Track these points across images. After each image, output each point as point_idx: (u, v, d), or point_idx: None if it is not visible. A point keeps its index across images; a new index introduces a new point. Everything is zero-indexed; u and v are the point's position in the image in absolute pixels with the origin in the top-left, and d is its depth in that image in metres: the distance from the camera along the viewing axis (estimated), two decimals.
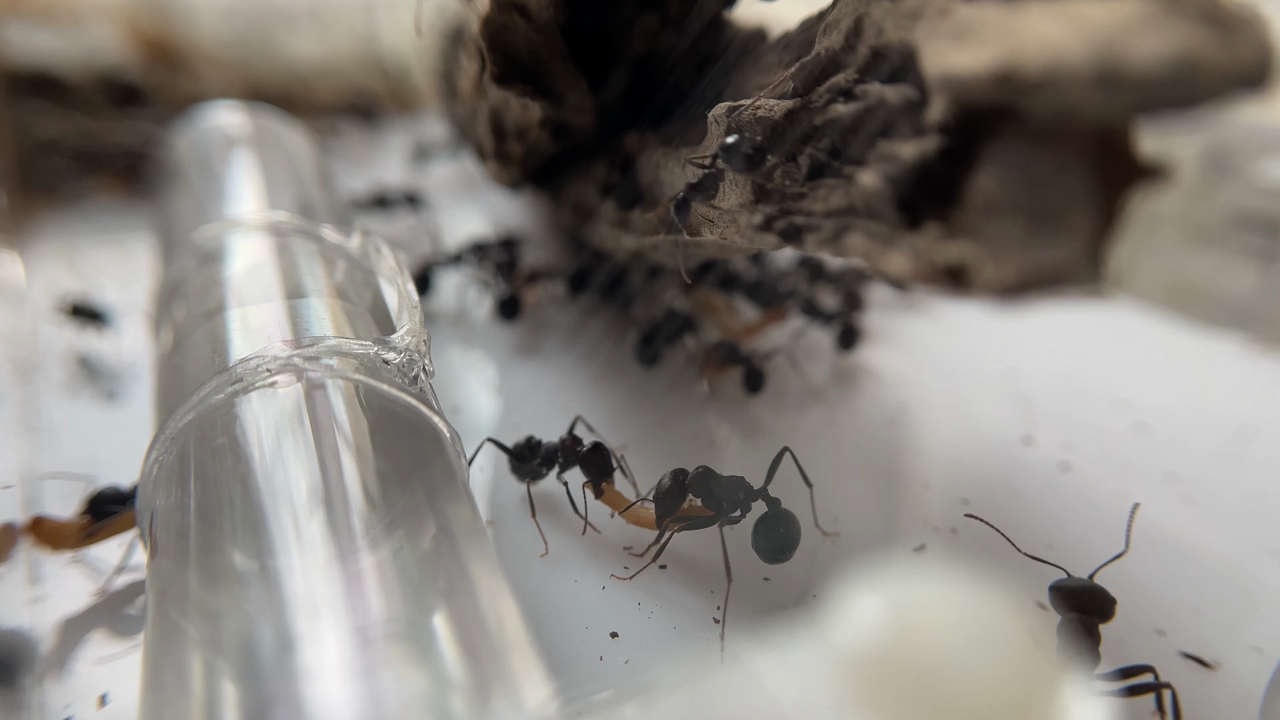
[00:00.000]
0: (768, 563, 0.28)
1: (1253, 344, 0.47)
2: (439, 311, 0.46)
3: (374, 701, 0.17)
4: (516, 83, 0.35)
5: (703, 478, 0.28)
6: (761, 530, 0.27)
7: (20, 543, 0.28)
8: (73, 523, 0.28)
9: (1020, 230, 0.19)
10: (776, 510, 0.28)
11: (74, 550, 0.29)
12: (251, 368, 0.24)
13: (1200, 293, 0.54)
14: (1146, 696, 0.25)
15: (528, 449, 0.31)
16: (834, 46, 0.26)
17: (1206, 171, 0.58)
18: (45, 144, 0.57)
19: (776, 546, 0.27)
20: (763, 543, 0.27)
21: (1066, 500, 0.34)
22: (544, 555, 0.29)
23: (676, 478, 0.28)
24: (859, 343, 0.43)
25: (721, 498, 0.28)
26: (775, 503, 0.28)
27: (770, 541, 0.27)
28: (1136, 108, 0.17)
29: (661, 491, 0.28)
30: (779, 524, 0.27)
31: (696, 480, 0.28)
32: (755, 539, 0.27)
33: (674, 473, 0.28)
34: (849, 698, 0.13)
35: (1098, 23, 0.17)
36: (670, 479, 0.28)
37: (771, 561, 0.28)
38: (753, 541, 0.27)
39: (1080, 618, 0.24)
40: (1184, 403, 0.41)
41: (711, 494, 0.28)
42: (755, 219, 0.27)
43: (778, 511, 0.28)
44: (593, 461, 0.30)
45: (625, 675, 0.25)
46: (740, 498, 0.28)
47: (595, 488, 0.30)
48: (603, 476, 0.30)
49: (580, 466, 0.30)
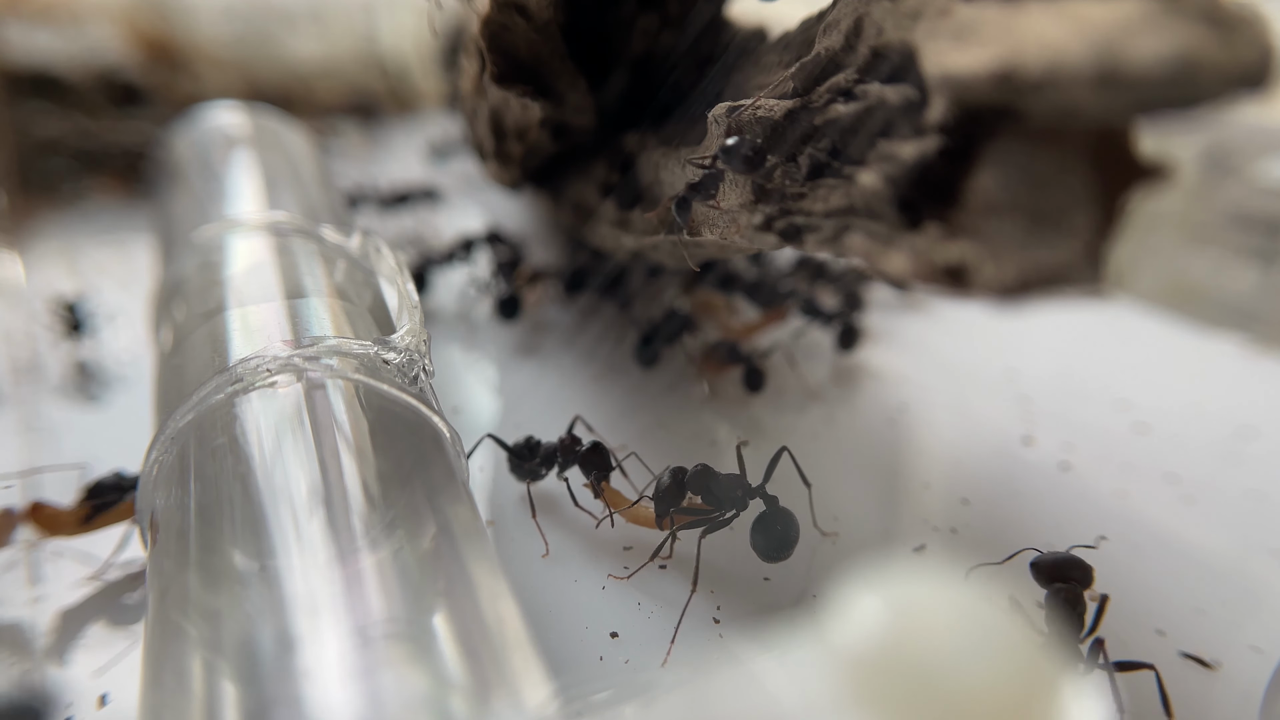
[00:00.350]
0: (766, 561, 0.28)
1: (1253, 344, 0.47)
2: (439, 311, 0.46)
3: (374, 701, 0.17)
4: (516, 83, 0.35)
5: (701, 475, 0.28)
6: (760, 529, 0.27)
7: (19, 528, 0.28)
8: (72, 509, 0.28)
9: (1020, 230, 0.19)
10: (775, 509, 0.28)
11: (72, 536, 0.29)
12: (251, 368, 0.24)
13: (1200, 293, 0.54)
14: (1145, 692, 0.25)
15: (527, 449, 0.31)
16: (834, 46, 0.26)
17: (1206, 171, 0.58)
18: (45, 144, 0.57)
19: (775, 545, 0.27)
20: (761, 541, 0.27)
21: (1066, 500, 0.34)
22: (545, 556, 0.29)
23: (675, 475, 0.28)
24: (859, 343, 0.43)
25: (719, 495, 0.28)
26: (773, 501, 0.28)
27: (769, 540, 0.27)
28: (1136, 108, 0.17)
29: (660, 489, 0.28)
30: (777, 522, 0.27)
31: (695, 478, 0.28)
32: (754, 538, 0.27)
33: (672, 470, 0.28)
34: (849, 698, 0.13)
35: (1098, 23, 0.17)
36: (669, 476, 0.28)
37: (770, 560, 0.28)
38: (751, 540, 0.27)
39: (1063, 587, 0.25)
40: (1184, 403, 0.41)
41: (710, 492, 0.28)
42: (755, 219, 0.27)
43: (776, 510, 0.28)
44: (591, 460, 0.30)
45: (625, 675, 0.25)
46: (738, 495, 0.28)
47: (595, 486, 0.30)
48: (602, 475, 0.30)
49: (579, 465, 0.30)
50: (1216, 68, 0.16)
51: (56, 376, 0.39)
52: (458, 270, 0.47)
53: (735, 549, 0.29)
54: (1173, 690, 0.26)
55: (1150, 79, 0.16)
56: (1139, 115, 0.17)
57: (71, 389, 0.38)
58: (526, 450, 0.31)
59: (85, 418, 0.36)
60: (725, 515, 0.28)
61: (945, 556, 0.31)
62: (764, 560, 0.28)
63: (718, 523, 0.28)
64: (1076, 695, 0.13)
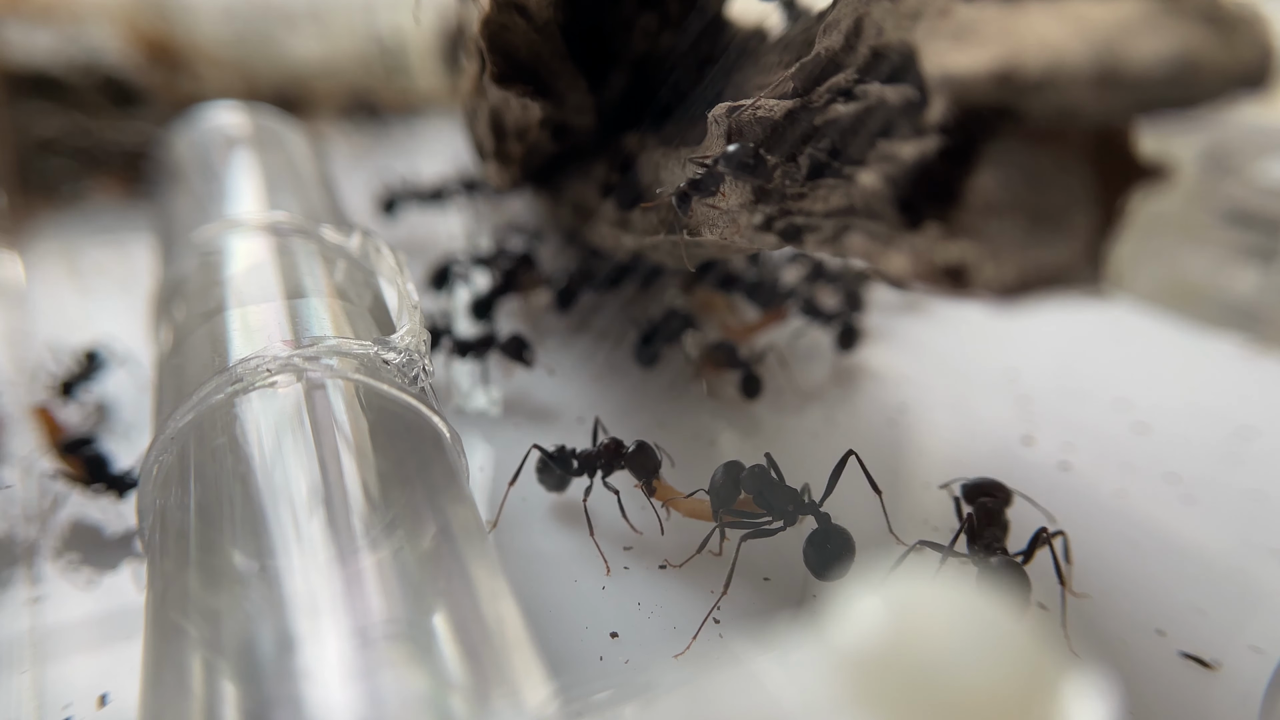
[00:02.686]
0: (819, 579, 0.27)
1: (1253, 344, 0.47)
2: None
3: (374, 701, 0.17)
4: (516, 83, 0.35)
5: (757, 476, 0.28)
6: (812, 546, 0.27)
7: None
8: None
9: (1020, 230, 0.19)
10: (827, 525, 0.27)
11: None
12: (251, 368, 0.24)
13: (1200, 293, 0.54)
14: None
15: (561, 458, 0.31)
16: (834, 46, 0.26)
17: (1206, 171, 0.58)
18: (45, 144, 0.57)
19: (825, 563, 0.27)
20: (816, 561, 0.27)
21: (1066, 500, 0.34)
22: (608, 574, 0.29)
23: (731, 471, 0.28)
24: (859, 343, 0.43)
25: (772, 503, 0.27)
26: (825, 518, 0.27)
27: (820, 558, 0.27)
28: (1136, 108, 0.17)
29: (715, 484, 0.28)
30: (829, 540, 0.27)
31: (751, 477, 0.28)
32: (807, 555, 0.27)
33: (728, 465, 0.28)
34: (849, 698, 0.13)
35: (1098, 23, 0.17)
36: (723, 473, 0.28)
37: (823, 579, 0.27)
38: (805, 558, 0.27)
39: (985, 501, 0.28)
40: (1184, 403, 0.41)
41: (763, 496, 0.27)
42: (755, 219, 0.27)
43: (828, 527, 0.27)
44: (640, 461, 0.30)
45: (625, 675, 0.25)
46: (789, 510, 0.27)
47: (647, 486, 0.30)
48: (652, 474, 0.30)
49: (629, 468, 0.30)
50: (1216, 68, 0.16)
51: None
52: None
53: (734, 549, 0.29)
54: (1173, 690, 0.26)
55: (1150, 79, 0.16)
56: (1139, 115, 0.17)
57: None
58: (561, 459, 0.31)
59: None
60: (773, 525, 0.28)
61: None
62: (818, 579, 0.27)
63: (763, 531, 0.28)
64: (1076, 695, 0.13)
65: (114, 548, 0.30)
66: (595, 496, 0.30)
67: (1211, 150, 0.58)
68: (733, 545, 0.28)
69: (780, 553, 0.29)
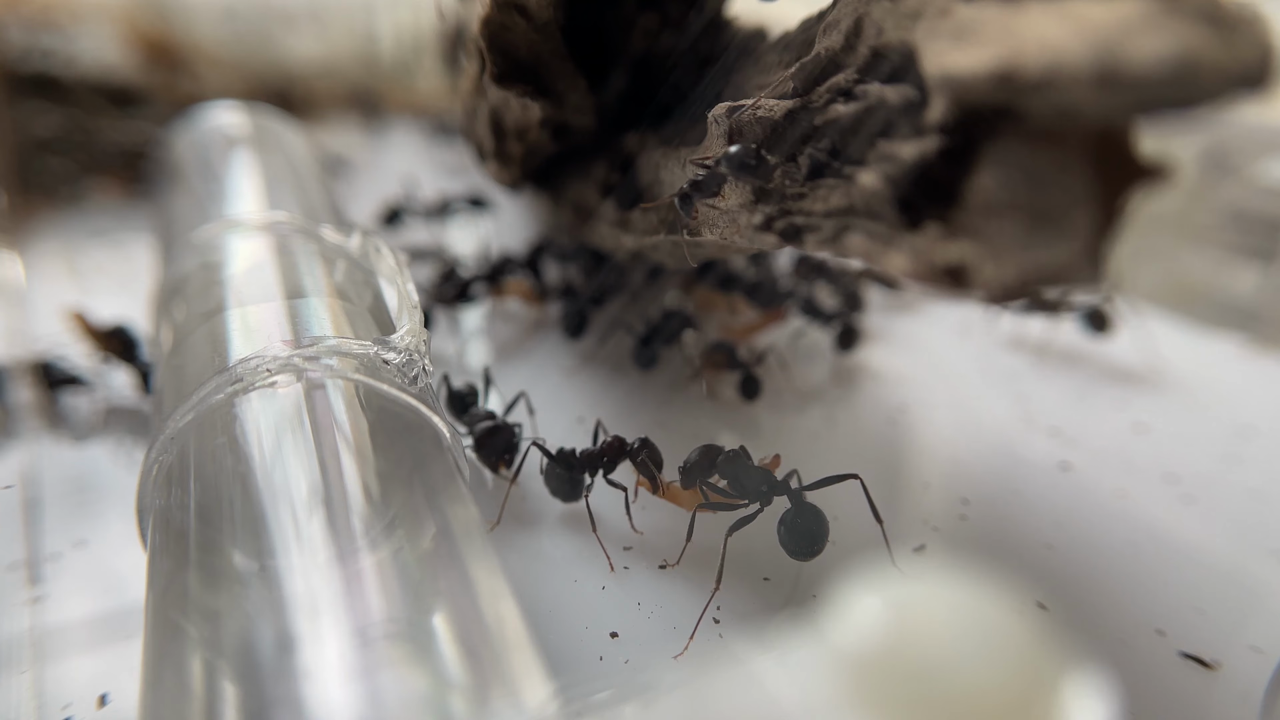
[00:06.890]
0: (795, 559, 0.28)
1: (1253, 344, 0.47)
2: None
3: (374, 701, 0.17)
4: (516, 83, 0.35)
5: (731, 460, 0.28)
6: (786, 526, 0.27)
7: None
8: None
9: (1020, 230, 0.19)
10: (799, 504, 0.27)
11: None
12: (251, 368, 0.24)
13: (1200, 293, 0.54)
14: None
15: (562, 460, 0.31)
16: (834, 46, 0.26)
17: (1206, 171, 0.58)
18: (45, 144, 0.57)
19: (801, 542, 0.27)
20: (788, 538, 0.27)
21: (1066, 500, 0.34)
22: (611, 572, 0.29)
23: (707, 452, 0.28)
24: (859, 343, 0.43)
25: (745, 485, 0.28)
26: (798, 496, 0.28)
27: (795, 537, 0.27)
28: (1136, 108, 0.17)
29: (689, 462, 0.28)
30: (800, 518, 0.27)
31: (725, 462, 0.28)
32: (780, 534, 0.27)
33: (705, 447, 0.28)
34: (849, 698, 0.13)
35: (1098, 23, 0.17)
36: (700, 453, 0.28)
37: (798, 558, 0.27)
38: (779, 537, 0.27)
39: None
40: (1184, 403, 0.41)
41: (736, 479, 0.28)
42: (755, 219, 0.27)
43: (802, 506, 0.27)
44: (648, 458, 0.30)
45: (625, 675, 0.25)
46: (763, 490, 0.28)
47: (653, 483, 0.30)
48: (658, 470, 0.30)
49: (635, 466, 0.30)
50: (1216, 68, 0.16)
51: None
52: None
53: (735, 549, 0.29)
54: (1173, 690, 0.26)
55: (1150, 79, 0.16)
56: (1139, 115, 0.17)
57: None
58: (563, 460, 0.31)
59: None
60: (750, 508, 0.28)
61: (945, 556, 0.31)
62: (792, 558, 0.27)
63: (743, 518, 0.28)
64: (1076, 695, 0.13)
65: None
66: (595, 497, 0.30)
67: (1211, 150, 0.58)
68: (732, 544, 0.28)
69: (780, 552, 0.29)
